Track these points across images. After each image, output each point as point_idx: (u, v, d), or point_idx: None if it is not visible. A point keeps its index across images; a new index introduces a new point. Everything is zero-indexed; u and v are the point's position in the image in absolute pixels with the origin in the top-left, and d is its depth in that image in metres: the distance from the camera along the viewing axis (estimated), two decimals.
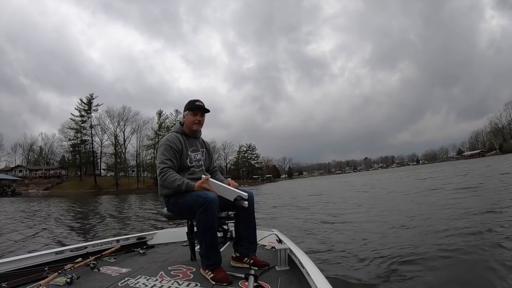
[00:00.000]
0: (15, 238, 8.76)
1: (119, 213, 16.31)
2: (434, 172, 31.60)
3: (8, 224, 12.63)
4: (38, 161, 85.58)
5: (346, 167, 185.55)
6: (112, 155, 76.08)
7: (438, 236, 5.45)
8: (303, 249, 2.73)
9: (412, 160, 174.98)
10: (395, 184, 21.84)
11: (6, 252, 6.63)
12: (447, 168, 37.54)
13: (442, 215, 7.32)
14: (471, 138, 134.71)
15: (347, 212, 9.91)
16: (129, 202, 25.09)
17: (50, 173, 75.33)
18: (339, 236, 6.38)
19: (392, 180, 28.64)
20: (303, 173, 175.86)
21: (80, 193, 57.27)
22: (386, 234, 6.08)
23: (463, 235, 5.25)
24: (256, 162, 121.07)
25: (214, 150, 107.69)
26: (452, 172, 26.78)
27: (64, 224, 12.05)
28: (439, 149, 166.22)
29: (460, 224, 6.07)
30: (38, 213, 17.80)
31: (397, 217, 7.81)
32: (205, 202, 2.39)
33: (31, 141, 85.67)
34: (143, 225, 10.64)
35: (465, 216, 6.83)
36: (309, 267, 2.14)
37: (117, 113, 76.21)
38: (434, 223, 6.52)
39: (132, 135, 78.46)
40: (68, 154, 75.67)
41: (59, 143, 77.79)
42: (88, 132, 73.20)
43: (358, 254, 4.88)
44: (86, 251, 3.09)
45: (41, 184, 69.19)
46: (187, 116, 2.91)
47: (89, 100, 72.39)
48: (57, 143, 79.58)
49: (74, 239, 8.48)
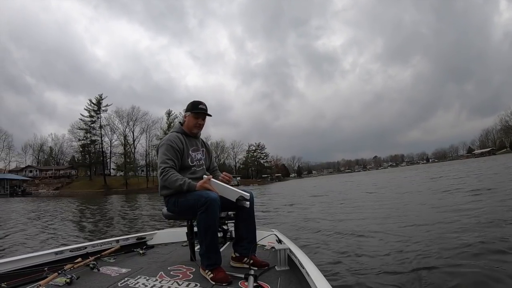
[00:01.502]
0: (19, 237, 8.89)
1: (128, 212, 16.45)
2: (446, 171, 30.98)
3: (14, 223, 12.83)
4: (48, 162, 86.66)
5: (356, 166, 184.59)
6: (121, 155, 76.81)
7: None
8: (302, 249, 2.72)
9: (422, 158, 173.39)
10: (405, 185, 21.13)
11: (8, 252, 6.72)
12: (459, 167, 36.57)
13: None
14: (481, 136, 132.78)
15: (349, 214, 9.82)
16: (138, 202, 25.23)
17: (60, 173, 76.18)
18: (339, 237, 6.34)
19: (400, 179, 28.35)
20: (313, 172, 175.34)
21: (89, 193, 57.91)
22: (387, 235, 6.02)
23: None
24: (265, 161, 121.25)
25: (223, 149, 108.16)
26: (466, 171, 26.08)
27: (70, 224, 12.21)
28: (449, 147, 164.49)
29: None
30: (45, 213, 18.09)
31: (402, 219, 7.61)
32: (207, 202, 2.38)
33: (41, 142, 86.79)
34: (155, 223, 10.72)
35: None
36: (308, 267, 2.14)
37: (126, 113, 76.84)
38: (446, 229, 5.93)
39: (141, 135, 79.08)
40: (78, 154, 76.60)
41: (69, 144, 79.15)
42: (98, 132, 74.03)
43: (358, 254, 4.88)
44: (86, 251, 3.10)
45: (51, 184, 70.04)
46: (189, 117, 2.90)
47: (99, 101, 73.12)
48: (67, 144, 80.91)
49: (79, 237, 8.61)
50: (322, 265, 4.36)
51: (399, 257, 4.49)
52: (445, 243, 4.91)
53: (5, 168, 76.54)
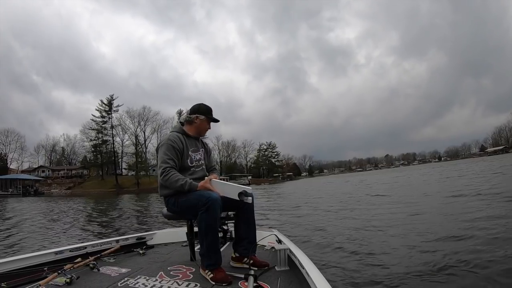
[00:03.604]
0: (24, 236, 9.03)
1: (141, 211, 16.66)
2: (459, 170, 30.33)
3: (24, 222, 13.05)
4: (60, 162, 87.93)
5: (367, 165, 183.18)
6: (133, 155, 77.39)
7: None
8: (302, 249, 2.70)
9: (434, 157, 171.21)
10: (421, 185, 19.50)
11: (10, 251, 6.80)
12: (472, 166, 35.34)
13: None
14: (494, 134, 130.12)
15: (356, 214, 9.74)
16: (149, 201, 25.39)
17: (72, 173, 77.23)
18: (340, 238, 6.31)
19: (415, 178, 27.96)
20: (324, 171, 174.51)
21: (101, 192, 58.53)
22: (388, 237, 6.00)
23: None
24: (277, 160, 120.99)
25: (234, 148, 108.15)
26: (479, 170, 25.58)
27: (80, 222, 12.35)
28: (461, 146, 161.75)
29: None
30: (55, 212, 18.37)
31: (407, 225, 7.23)
32: (208, 202, 2.38)
33: (53, 142, 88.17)
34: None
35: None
36: (308, 267, 2.13)
37: (138, 113, 77.35)
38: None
39: (153, 134, 79.28)
40: (90, 154, 77.28)
41: (80, 144, 79.74)
42: (109, 133, 74.57)
43: (358, 255, 4.88)
44: (86, 251, 3.11)
45: (63, 183, 71.06)
46: (203, 121, 2.93)
47: (110, 101, 73.72)
48: (79, 144, 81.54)
49: (85, 236, 8.65)
50: (322, 265, 4.36)
51: (399, 258, 4.51)
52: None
53: (18, 169, 77.99)
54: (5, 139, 76.51)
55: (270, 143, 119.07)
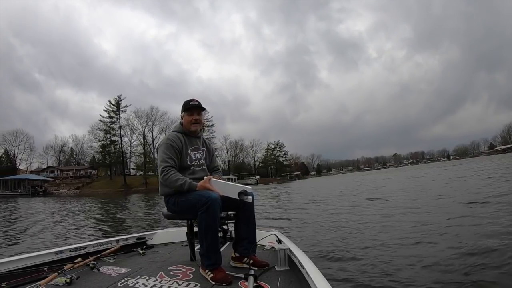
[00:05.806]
0: (29, 235, 9.14)
1: (150, 211, 16.71)
2: (470, 169, 29.54)
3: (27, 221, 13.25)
4: (69, 162, 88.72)
5: (375, 164, 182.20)
6: (141, 155, 77.91)
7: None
8: (302, 249, 2.68)
9: (442, 155, 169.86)
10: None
11: (11, 250, 6.87)
12: (483, 165, 34.95)
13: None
14: (503, 132, 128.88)
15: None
16: (157, 201, 25.49)
17: (80, 173, 77.90)
18: (340, 239, 6.28)
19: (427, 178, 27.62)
20: (332, 170, 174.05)
21: (109, 192, 59.02)
22: (390, 239, 5.92)
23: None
24: (285, 159, 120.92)
25: (242, 148, 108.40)
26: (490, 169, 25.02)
27: (86, 222, 12.45)
28: (470, 144, 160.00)
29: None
30: (62, 211, 18.59)
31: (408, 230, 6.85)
32: (208, 201, 2.38)
33: (62, 143, 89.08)
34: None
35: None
36: (308, 267, 2.12)
37: (145, 114, 78.14)
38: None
39: (160, 134, 79.54)
40: (98, 154, 78.18)
41: (89, 144, 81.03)
42: (117, 133, 75.40)
43: (358, 255, 4.87)
44: (86, 251, 3.12)
45: (72, 184, 71.77)
46: (185, 117, 2.91)
47: (117, 102, 74.36)
48: (87, 144, 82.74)
49: (87, 236, 8.71)
50: (322, 265, 4.35)
51: (399, 258, 4.50)
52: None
53: (27, 169, 79.03)
54: (14, 140, 77.92)
55: (278, 142, 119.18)
